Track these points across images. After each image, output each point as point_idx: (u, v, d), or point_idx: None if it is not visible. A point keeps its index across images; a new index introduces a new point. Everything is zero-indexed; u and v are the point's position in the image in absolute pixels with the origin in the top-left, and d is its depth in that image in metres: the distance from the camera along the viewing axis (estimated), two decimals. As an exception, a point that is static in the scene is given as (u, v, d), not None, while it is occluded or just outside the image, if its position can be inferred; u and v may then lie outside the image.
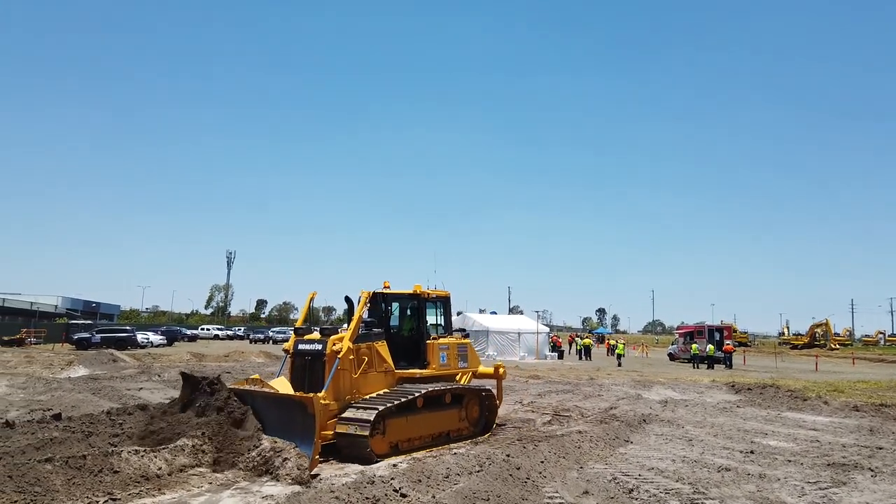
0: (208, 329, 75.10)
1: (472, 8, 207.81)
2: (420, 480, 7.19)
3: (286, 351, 10.87)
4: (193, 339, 65.43)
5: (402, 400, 9.85)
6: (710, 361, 38.18)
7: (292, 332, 11.12)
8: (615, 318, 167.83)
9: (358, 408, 9.53)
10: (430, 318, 12.37)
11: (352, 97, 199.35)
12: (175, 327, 69.43)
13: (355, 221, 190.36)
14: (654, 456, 9.90)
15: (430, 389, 10.53)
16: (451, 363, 12.13)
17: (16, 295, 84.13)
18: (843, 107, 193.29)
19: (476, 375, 13.02)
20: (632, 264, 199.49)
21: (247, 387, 9.70)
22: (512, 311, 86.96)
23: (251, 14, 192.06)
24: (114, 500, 6.87)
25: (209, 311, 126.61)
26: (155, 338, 51.04)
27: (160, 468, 7.67)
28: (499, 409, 12.82)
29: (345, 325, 11.43)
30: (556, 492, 7.49)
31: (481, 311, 61.68)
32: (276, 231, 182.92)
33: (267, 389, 9.53)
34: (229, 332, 74.69)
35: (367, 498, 6.32)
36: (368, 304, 11.64)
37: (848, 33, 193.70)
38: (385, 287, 11.91)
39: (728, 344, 41.24)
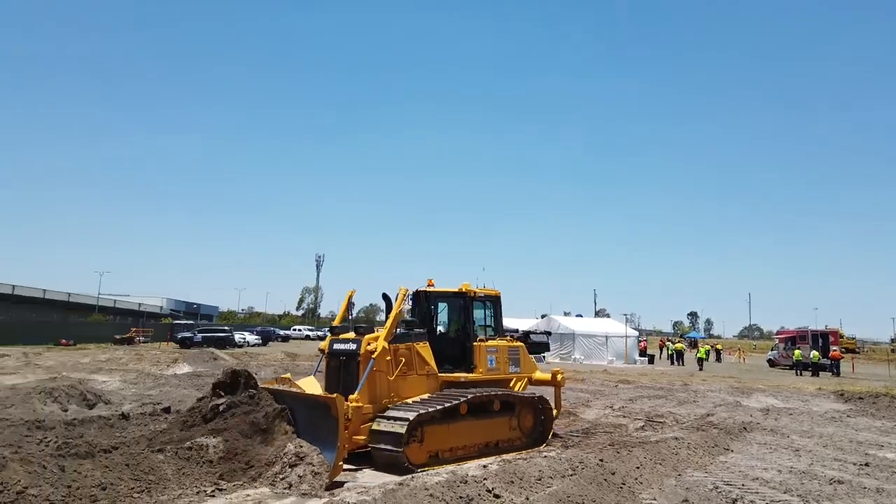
0: (300, 330, 77.79)
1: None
2: (512, 482, 7.13)
3: (321, 351, 10.44)
4: (286, 339, 67.98)
5: (443, 406, 9.24)
6: (815, 368, 35.97)
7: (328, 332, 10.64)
8: (708, 322, 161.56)
9: (394, 412, 9.02)
10: (479, 319, 11.58)
11: (427, 99, 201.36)
12: (269, 328, 72.36)
13: (436, 222, 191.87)
14: (758, 465, 9.40)
15: (474, 395, 9.85)
16: (500, 367, 11.31)
17: (125, 297, 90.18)
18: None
19: (532, 382, 12.25)
20: (726, 266, 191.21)
21: (276, 386, 9.39)
22: (598, 314, 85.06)
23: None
24: (220, 490, 7.19)
25: (300, 313, 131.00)
26: (251, 338, 53.39)
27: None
28: (556, 418, 12.12)
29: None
30: (654, 499, 7.24)
31: (566, 314, 60.83)
32: (360, 233, 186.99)
33: (294, 389, 9.17)
34: (319, 333, 77.08)
35: (460, 497, 6.32)
36: (411, 304, 11.24)
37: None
38: (429, 285, 11.31)
39: (835, 350, 38.73)
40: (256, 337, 55.25)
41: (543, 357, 39.37)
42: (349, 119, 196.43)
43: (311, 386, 9.66)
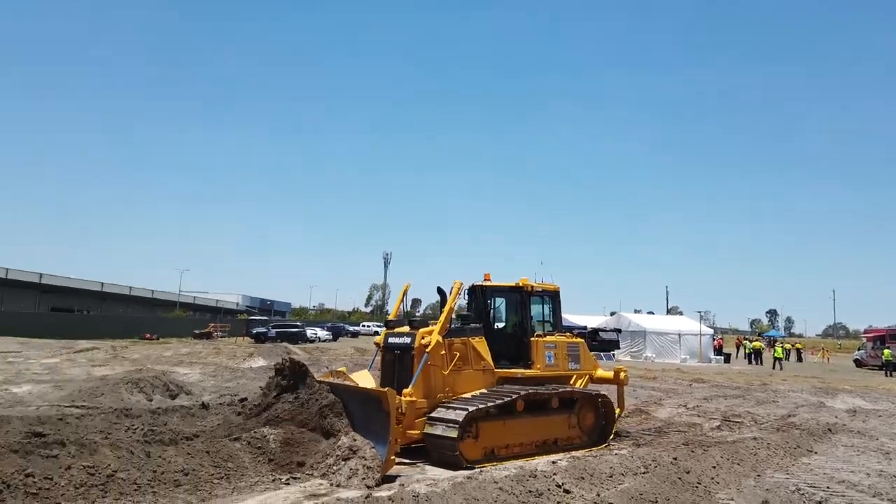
0: (368, 326, 79.10)
1: None
2: (583, 478, 7.03)
3: (377, 345, 10.46)
4: (355, 335, 69.29)
5: (497, 402, 9.11)
6: (906, 369, 33.95)
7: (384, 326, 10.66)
8: (789, 320, 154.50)
9: (448, 407, 8.93)
10: (537, 314, 11.38)
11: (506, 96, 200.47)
12: (339, 324, 73.96)
13: (514, 218, 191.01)
14: (844, 468, 8.94)
15: (531, 391, 9.71)
16: (559, 364, 11.03)
17: (204, 294, 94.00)
18: None
19: (593, 380, 11.89)
20: (807, 263, 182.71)
21: (331, 379, 9.36)
22: (670, 311, 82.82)
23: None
24: (295, 479, 7.39)
25: (369, 309, 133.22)
26: (322, 333, 54.74)
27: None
28: (620, 417, 11.82)
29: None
30: (731, 499, 6.99)
31: (636, 312, 59.51)
32: (429, 229, 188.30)
33: (348, 383, 9.14)
34: (387, 330, 78.06)
35: (529, 491, 6.28)
36: (467, 298, 11.10)
37: None
38: (486, 279, 11.12)
39: (931, 350, 36.41)
40: (327, 333, 56.61)
41: (613, 355, 38.64)
42: (418, 116, 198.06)
43: (365, 379, 9.58)
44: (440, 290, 10.37)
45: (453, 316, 10.17)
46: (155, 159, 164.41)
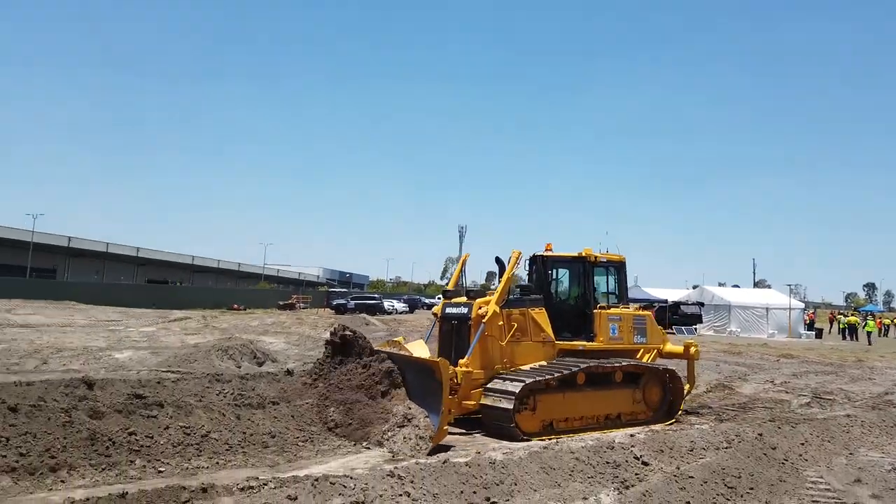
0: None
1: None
2: (662, 451, 6.91)
3: (434, 315, 10.41)
4: (431, 307, 70.06)
5: (557, 374, 8.93)
6: None
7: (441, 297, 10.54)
8: (888, 294, 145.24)
9: (505, 379, 8.83)
10: (601, 286, 11.09)
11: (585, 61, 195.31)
12: (415, 296, 75.05)
13: (593, 190, 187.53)
14: (947, 449, 8.40)
15: (593, 364, 9.46)
16: (624, 337, 10.68)
17: (287, 266, 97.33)
18: None
19: (662, 354, 11.43)
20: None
21: (388, 349, 9.32)
22: (757, 284, 79.43)
23: None
24: (380, 444, 7.60)
25: (444, 282, 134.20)
26: (399, 305, 55.68)
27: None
28: (689, 393, 11.39)
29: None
30: (821, 477, 6.73)
31: (721, 285, 57.45)
32: (504, 203, 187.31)
33: (404, 353, 9.06)
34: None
35: (606, 462, 6.24)
36: (528, 269, 10.86)
37: None
38: (547, 249, 10.79)
39: None
40: (404, 305, 57.53)
41: (695, 329, 37.63)
42: (494, 89, 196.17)
43: (420, 349, 9.47)
44: (499, 260, 10.17)
45: (513, 287, 10.05)
46: (238, 140, 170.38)
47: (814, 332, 40.47)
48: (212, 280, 79.34)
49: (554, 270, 10.99)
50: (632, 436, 8.09)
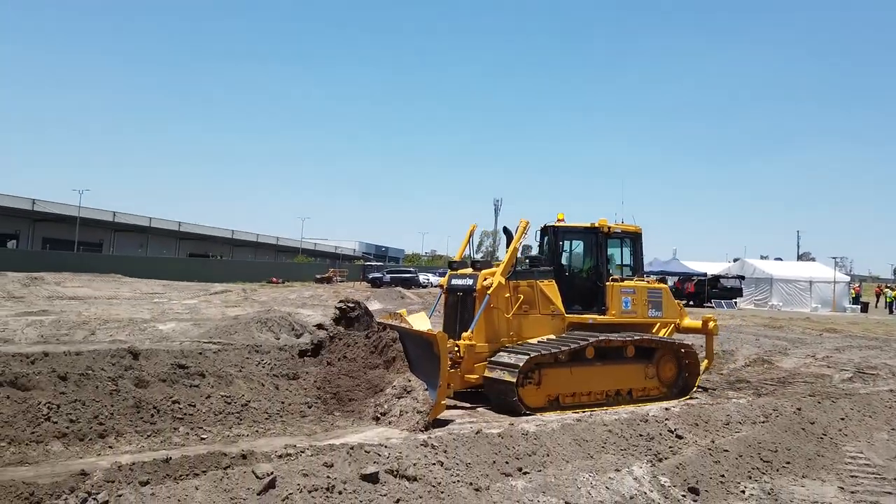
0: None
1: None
2: (697, 424, 6.86)
3: (441, 286, 10.18)
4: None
5: (564, 348, 8.72)
6: None
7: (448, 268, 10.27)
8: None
9: (510, 352, 8.63)
10: (615, 258, 10.84)
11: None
12: (451, 270, 75.12)
13: (631, 160, 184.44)
14: None
15: (602, 338, 9.20)
16: (637, 310, 10.35)
17: (324, 241, 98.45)
18: None
19: (679, 329, 11.13)
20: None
21: (389, 321, 9.05)
22: (801, 257, 77.45)
23: None
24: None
25: (479, 256, 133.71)
26: (434, 279, 55.95)
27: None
28: (708, 370, 11.13)
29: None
30: (860, 452, 6.60)
31: (763, 258, 56.18)
32: (541, 174, 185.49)
33: (405, 325, 8.69)
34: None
35: (640, 435, 6.22)
36: (539, 240, 10.61)
37: None
38: (559, 219, 10.48)
39: None
40: (439, 278, 57.80)
41: (735, 303, 37.05)
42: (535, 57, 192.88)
43: (421, 321, 9.06)
44: (506, 231, 9.88)
45: (522, 257, 9.87)
46: (278, 114, 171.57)
47: (859, 306, 39.45)
48: (251, 254, 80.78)
49: (566, 241, 10.71)
50: (666, 409, 8.06)
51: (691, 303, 39.39)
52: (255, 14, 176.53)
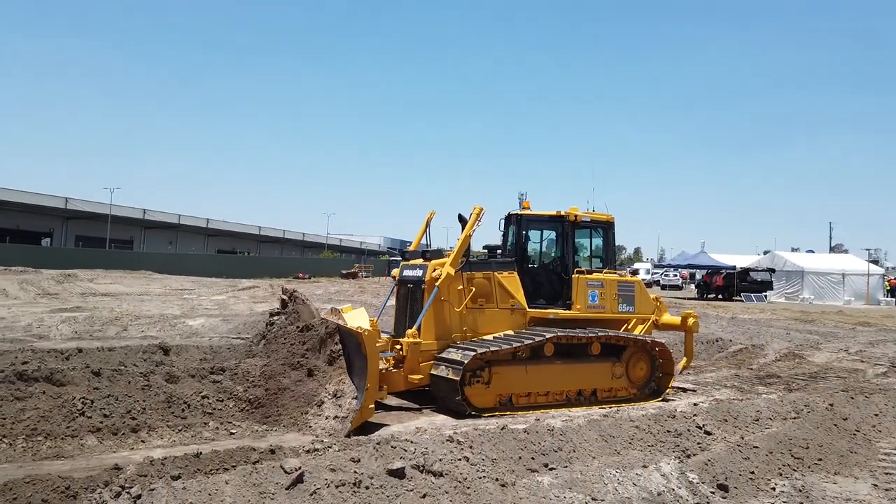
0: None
1: None
2: (726, 420, 6.79)
3: (393, 278, 9.69)
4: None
5: (516, 344, 8.16)
6: None
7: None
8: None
9: (458, 348, 8.06)
10: (583, 249, 10.26)
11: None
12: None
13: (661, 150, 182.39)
14: None
15: (561, 334, 8.56)
16: (606, 305, 9.65)
17: (349, 236, 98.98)
18: None
19: (658, 326, 10.51)
20: None
21: (331, 318, 8.09)
22: (833, 249, 75.89)
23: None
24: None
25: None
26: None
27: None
28: (686, 369, 10.63)
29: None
30: (895, 449, 6.47)
31: (794, 250, 55.18)
32: (563, 164, 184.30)
33: (341, 322, 7.83)
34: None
35: (668, 431, 6.17)
36: (502, 229, 10.00)
37: None
38: (524, 207, 9.80)
39: None
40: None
41: (765, 296, 36.44)
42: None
43: (358, 318, 8.31)
44: (461, 218, 9.23)
45: (475, 248, 9.32)
46: (302, 110, 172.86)
47: (894, 299, 38.56)
48: (278, 250, 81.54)
49: (531, 231, 10.06)
50: (695, 405, 7.98)
51: (720, 296, 38.98)
52: (277, 12, 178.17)
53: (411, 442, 5.02)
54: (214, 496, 3.86)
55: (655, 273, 60.38)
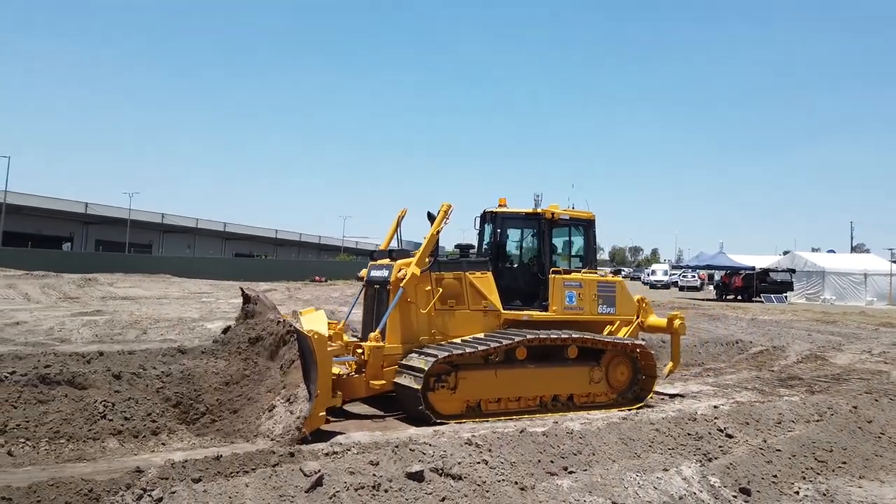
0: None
1: None
2: (748, 423, 6.70)
3: (361, 279, 9.36)
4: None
5: (482, 348, 7.75)
6: None
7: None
8: None
9: (420, 353, 7.69)
10: (562, 248, 9.93)
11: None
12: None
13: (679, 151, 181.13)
14: None
15: (532, 337, 8.11)
16: (585, 306, 9.23)
17: (365, 238, 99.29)
18: None
19: (644, 328, 10.03)
20: None
21: (291, 320, 7.57)
22: (855, 249, 74.82)
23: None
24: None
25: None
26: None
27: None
28: (672, 372, 10.24)
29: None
30: (922, 453, 6.36)
31: (814, 251, 54.52)
32: (581, 167, 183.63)
33: (297, 325, 7.32)
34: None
35: (688, 434, 6.11)
36: (478, 227, 9.69)
37: None
38: (501, 204, 9.44)
39: None
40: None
41: (786, 297, 36.03)
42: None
43: (315, 321, 8.06)
44: (430, 216, 8.82)
45: (447, 246, 9.00)
46: (317, 115, 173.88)
47: (918, 299, 37.94)
48: (294, 253, 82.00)
49: (507, 229, 9.68)
50: (716, 407, 7.91)
51: (739, 298, 38.59)
52: (291, 20, 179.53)
53: (430, 445, 5.01)
54: (235, 499, 3.88)
55: (674, 274, 59.91)
